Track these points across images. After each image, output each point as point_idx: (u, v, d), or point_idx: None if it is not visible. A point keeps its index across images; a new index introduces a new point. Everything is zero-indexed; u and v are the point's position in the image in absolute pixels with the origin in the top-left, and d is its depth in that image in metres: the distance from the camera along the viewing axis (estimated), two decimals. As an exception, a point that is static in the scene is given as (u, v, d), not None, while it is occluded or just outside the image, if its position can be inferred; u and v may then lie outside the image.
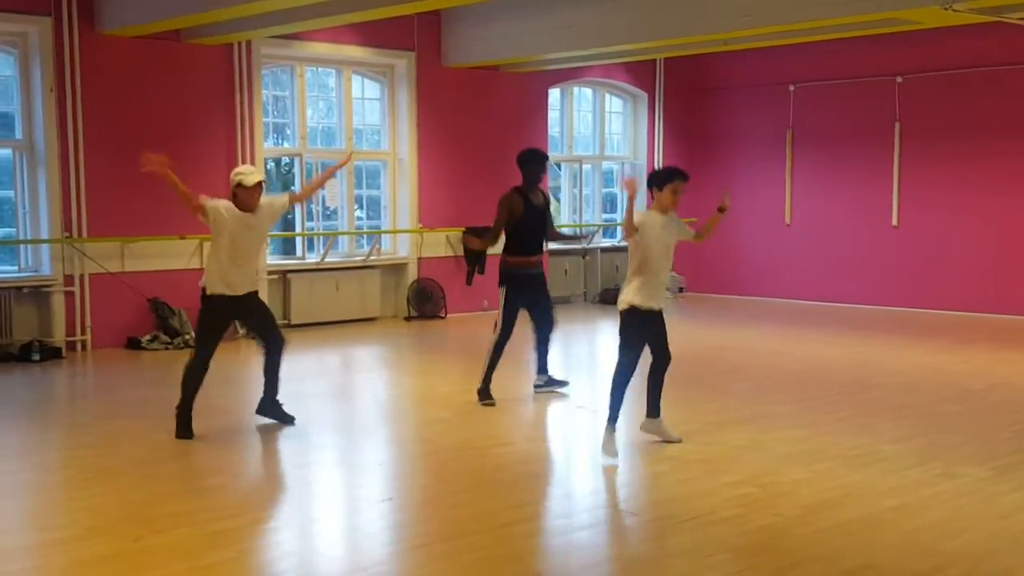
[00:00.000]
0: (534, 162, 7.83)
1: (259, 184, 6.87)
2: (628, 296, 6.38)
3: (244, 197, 6.82)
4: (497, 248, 7.94)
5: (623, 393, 6.33)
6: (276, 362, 7.06)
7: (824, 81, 14.15)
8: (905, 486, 5.67)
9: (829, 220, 14.30)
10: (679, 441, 6.52)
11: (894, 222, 13.73)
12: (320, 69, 12.49)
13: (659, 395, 6.59)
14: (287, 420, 7.09)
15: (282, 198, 7.27)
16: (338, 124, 12.58)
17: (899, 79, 13.48)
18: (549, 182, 14.32)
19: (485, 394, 7.68)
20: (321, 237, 12.38)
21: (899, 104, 13.53)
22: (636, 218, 6.28)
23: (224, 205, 6.87)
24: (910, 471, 5.95)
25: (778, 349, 10.54)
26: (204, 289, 6.97)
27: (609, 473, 6.03)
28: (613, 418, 6.28)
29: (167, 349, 10.46)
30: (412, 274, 12.82)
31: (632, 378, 6.40)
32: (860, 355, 10.12)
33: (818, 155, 14.35)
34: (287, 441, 6.89)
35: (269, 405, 7.12)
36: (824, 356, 10.07)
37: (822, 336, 11.36)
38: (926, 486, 5.67)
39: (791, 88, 14.46)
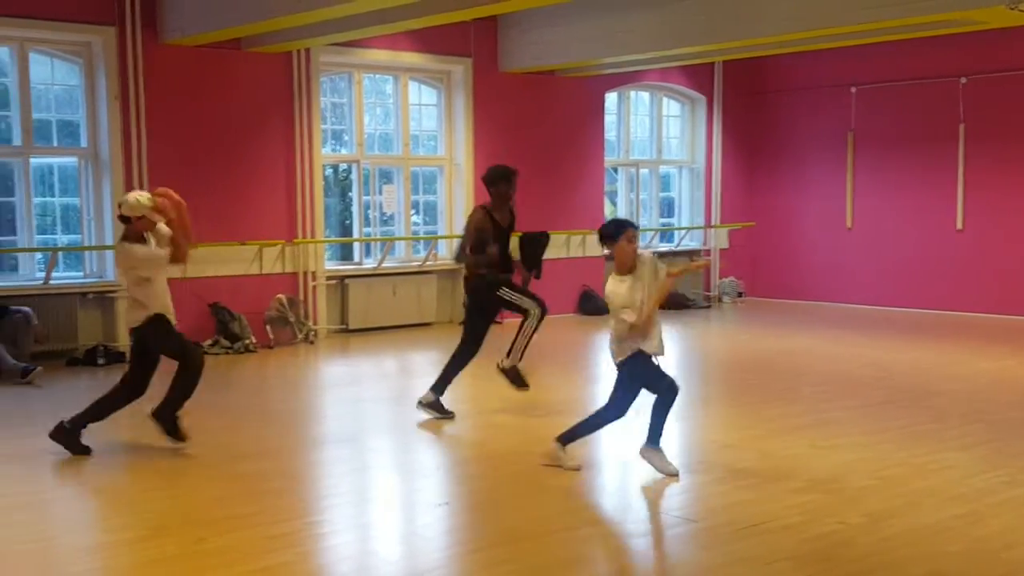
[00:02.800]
0: (501, 180, 7.46)
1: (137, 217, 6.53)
2: (624, 353, 5.91)
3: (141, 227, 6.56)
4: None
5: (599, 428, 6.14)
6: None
7: (886, 83, 13.92)
8: (970, 494, 5.55)
9: (891, 224, 14.06)
10: (675, 474, 5.96)
11: (959, 226, 13.46)
12: (377, 76, 12.58)
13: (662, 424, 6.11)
14: (178, 437, 6.57)
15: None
16: (395, 130, 12.67)
17: (963, 80, 13.22)
18: (605, 186, 14.29)
19: (514, 375, 7.56)
20: (378, 242, 12.46)
21: (963, 106, 13.27)
22: (616, 291, 5.88)
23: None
24: (975, 478, 5.83)
25: (840, 354, 10.39)
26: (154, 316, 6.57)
27: (669, 481, 5.96)
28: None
29: (227, 353, 10.58)
30: (469, 279, 12.83)
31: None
32: (924, 360, 9.93)
33: (880, 158, 14.13)
34: (344, 445, 6.93)
35: (169, 415, 6.60)
36: (887, 361, 9.90)
37: (884, 341, 11.18)
38: (992, 494, 5.55)
39: (852, 90, 14.25)
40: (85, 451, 6.44)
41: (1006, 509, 5.31)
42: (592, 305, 13.45)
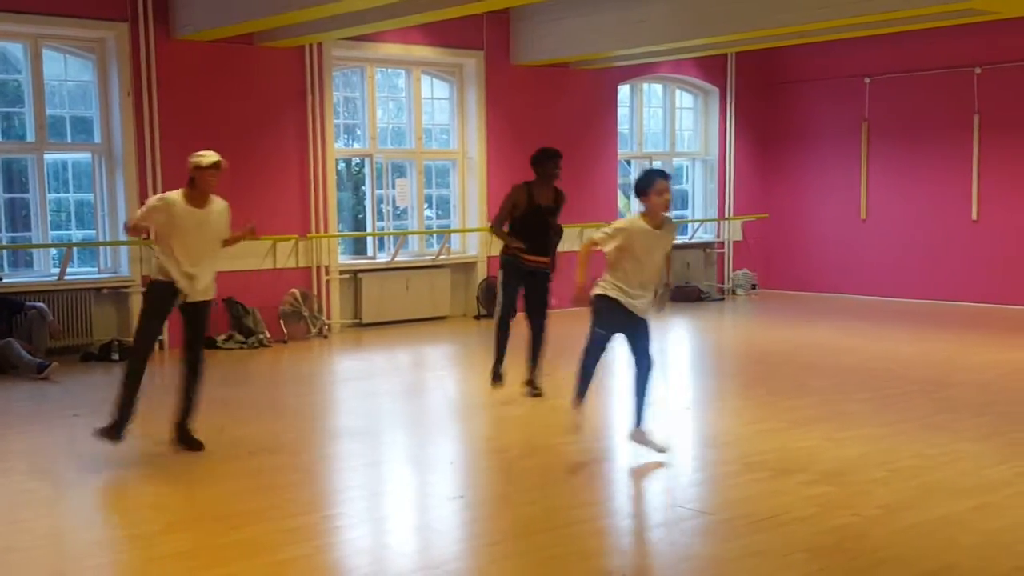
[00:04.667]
0: (544, 159, 7.78)
1: (216, 164, 6.25)
2: (599, 289, 6.10)
3: (201, 179, 6.26)
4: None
5: (590, 372, 6.17)
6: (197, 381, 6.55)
7: (900, 73, 13.86)
8: (985, 485, 5.54)
9: (906, 215, 14.01)
10: (665, 451, 6.13)
11: (974, 216, 13.40)
12: (390, 70, 12.59)
13: (643, 404, 6.22)
14: (196, 446, 6.45)
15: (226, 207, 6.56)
16: (408, 124, 12.67)
17: (978, 70, 13.15)
18: (618, 179, 14.26)
19: (497, 375, 7.89)
20: (391, 236, 12.47)
21: (978, 96, 13.19)
22: (618, 224, 6.06)
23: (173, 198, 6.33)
24: (990, 470, 5.81)
25: (854, 346, 10.36)
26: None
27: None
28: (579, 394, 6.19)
29: (241, 348, 10.62)
30: (481, 273, 12.85)
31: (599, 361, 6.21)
32: (938, 352, 9.89)
33: (894, 149, 14.07)
34: (358, 439, 6.95)
35: (182, 429, 6.48)
36: (901, 353, 9.87)
37: (899, 333, 11.14)
38: (1007, 485, 5.53)
39: (866, 81, 14.19)
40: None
41: (1021, 501, 5.29)
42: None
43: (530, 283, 7.83)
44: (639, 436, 6.22)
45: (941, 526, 4.90)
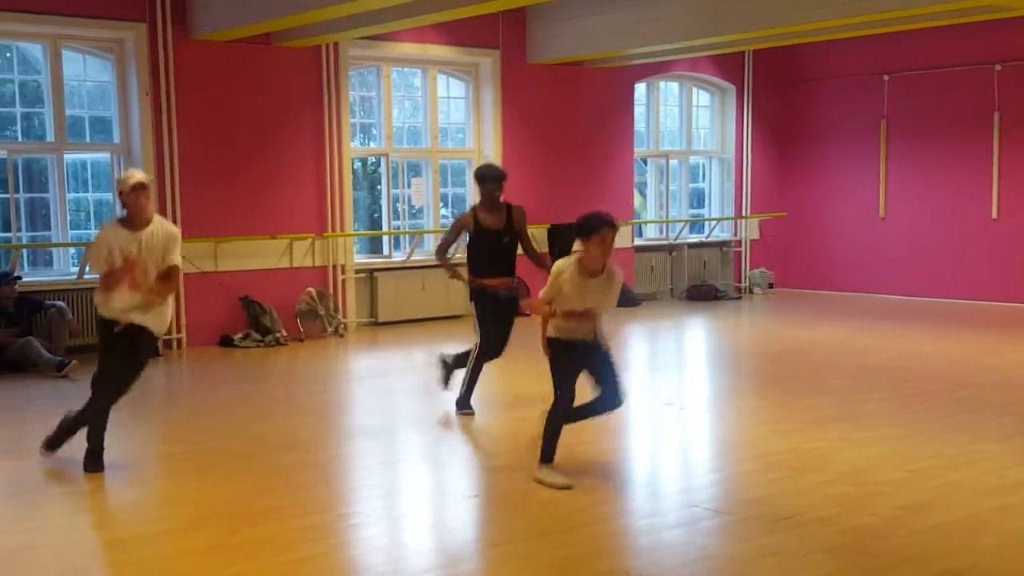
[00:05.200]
0: (486, 180, 7.34)
1: (140, 185, 5.83)
2: (550, 332, 5.71)
3: (129, 201, 5.84)
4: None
5: (557, 430, 5.70)
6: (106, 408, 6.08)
7: (920, 70, 13.77)
8: (1006, 486, 5.49)
9: (925, 213, 13.92)
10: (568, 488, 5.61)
11: (994, 215, 13.30)
12: (406, 69, 12.59)
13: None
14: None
15: (176, 231, 6.13)
16: (423, 123, 12.68)
17: (998, 67, 13.06)
18: (634, 178, 14.23)
19: (464, 404, 7.38)
20: (407, 235, 12.48)
21: (998, 93, 13.10)
22: (553, 271, 5.64)
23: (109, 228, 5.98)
24: (1011, 470, 5.77)
25: (872, 346, 10.30)
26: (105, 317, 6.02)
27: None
28: (547, 457, 5.66)
29: (258, 347, 10.65)
30: (498, 272, 12.82)
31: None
32: (957, 352, 9.83)
33: (914, 147, 13.98)
34: (374, 438, 6.96)
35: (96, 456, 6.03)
36: (920, 353, 9.81)
37: (918, 332, 11.07)
38: (1029, 487, 5.49)
39: (885, 78, 14.11)
40: None
41: (1042, 502, 5.25)
42: (623, 297, 13.38)
43: (503, 313, 7.41)
44: (541, 473, 5.67)
45: (961, 527, 4.87)
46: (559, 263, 5.69)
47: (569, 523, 5.02)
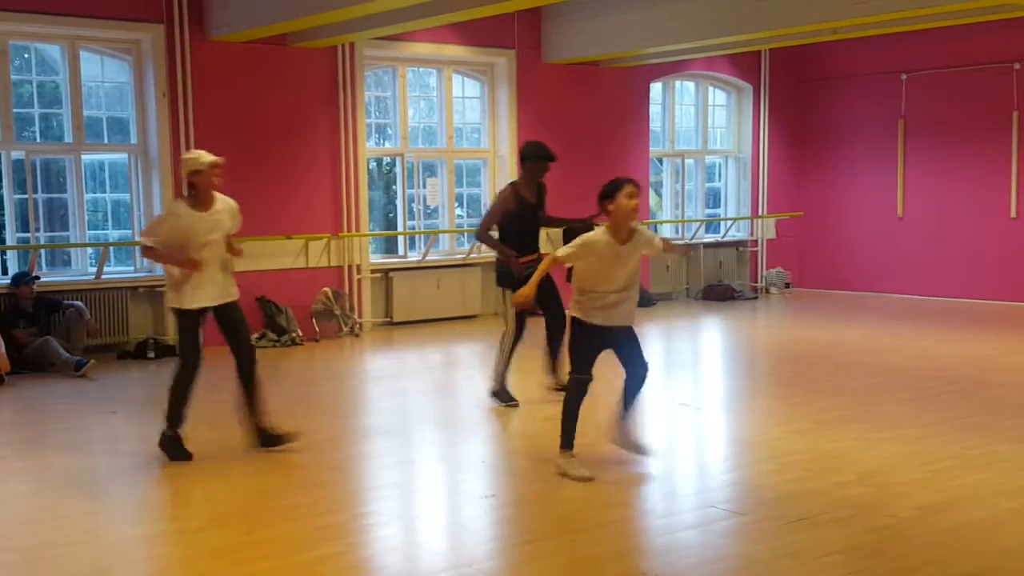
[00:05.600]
0: (541, 158, 7.53)
1: (215, 164, 6.14)
2: (573, 310, 5.73)
3: (201, 181, 6.13)
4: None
5: (575, 415, 5.76)
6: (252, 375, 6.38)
7: (937, 69, 13.70)
8: (1027, 488, 5.45)
9: (944, 212, 13.85)
10: (648, 455, 5.99)
11: (1012, 214, 13.22)
12: (421, 69, 12.60)
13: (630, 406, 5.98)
14: (279, 441, 6.34)
15: (235, 202, 6.49)
16: (439, 123, 12.68)
17: (1017, 66, 12.97)
18: (650, 177, 14.20)
19: (504, 395, 7.54)
20: (422, 235, 12.49)
21: (1017, 92, 13.02)
22: (583, 239, 5.65)
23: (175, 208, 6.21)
24: (1032, 472, 5.72)
25: (890, 346, 10.25)
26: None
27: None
28: (567, 443, 5.75)
29: (274, 346, 10.68)
30: (514, 271, 12.82)
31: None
32: (976, 352, 9.76)
33: (932, 146, 13.91)
34: (390, 437, 6.96)
35: (261, 432, 6.35)
36: (939, 353, 9.75)
37: (936, 332, 11.01)
38: (1049, 488, 5.45)
39: (903, 77, 14.04)
40: None
41: (1063, 503, 5.21)
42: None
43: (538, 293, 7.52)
44: (622, 438, 6.04)
45: (981, 529, 4.83)
46: (587, 234, 5.71)
47: (585, 523, 5.01)
